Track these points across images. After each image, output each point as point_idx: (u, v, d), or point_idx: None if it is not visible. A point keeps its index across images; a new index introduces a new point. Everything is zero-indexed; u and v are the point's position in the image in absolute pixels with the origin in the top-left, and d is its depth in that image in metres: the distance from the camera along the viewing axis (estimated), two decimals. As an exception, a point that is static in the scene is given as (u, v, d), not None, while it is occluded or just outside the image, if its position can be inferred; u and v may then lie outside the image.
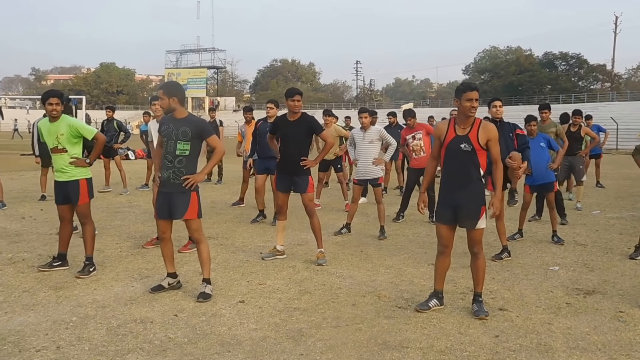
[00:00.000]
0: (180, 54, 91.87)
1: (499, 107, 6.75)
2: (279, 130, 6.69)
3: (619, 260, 6.75)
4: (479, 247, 4.81)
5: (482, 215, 4.73)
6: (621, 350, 4.08)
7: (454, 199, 4.73)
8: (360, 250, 7.23)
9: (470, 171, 4.66)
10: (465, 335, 4.40)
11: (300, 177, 6.50)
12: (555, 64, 73.45)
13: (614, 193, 13.09)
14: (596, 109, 42.22)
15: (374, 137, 8.05)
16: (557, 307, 5.04)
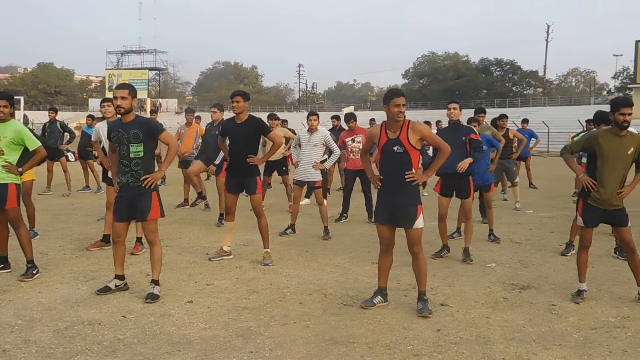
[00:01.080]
0: (121, 55, 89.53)
1: (453, 109, 6.96)
2: (227, 133, 6.73)
3: (551, 257, 7.13)
4: (418, 246, 4.99)
5: (419, 215, 4.92)
6: (554, 341, 4.35)
7: (391, 200, 4.91)
8: (306, 250, 7.34)
9: (404, 172, 4.83)
10: (409, 329, 4.57)
11: (249, 179, 6.56)
12: (491, 70, 76.07)
13: (546, 193, 13.74)
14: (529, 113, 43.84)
15: (319, 142, 8.20)
16: (494, 302, 5.30)
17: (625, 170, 5.17)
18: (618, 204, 5.22)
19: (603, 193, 5.19)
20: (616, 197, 5.17)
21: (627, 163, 5.16)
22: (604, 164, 5.18)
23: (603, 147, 5.17)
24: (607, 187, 5.16)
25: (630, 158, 5.13)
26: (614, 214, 5.26)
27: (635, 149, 5.11)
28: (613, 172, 5.14)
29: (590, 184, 5.24)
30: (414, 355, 4.06)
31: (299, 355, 4.03)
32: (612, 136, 5.17)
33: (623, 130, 5.11)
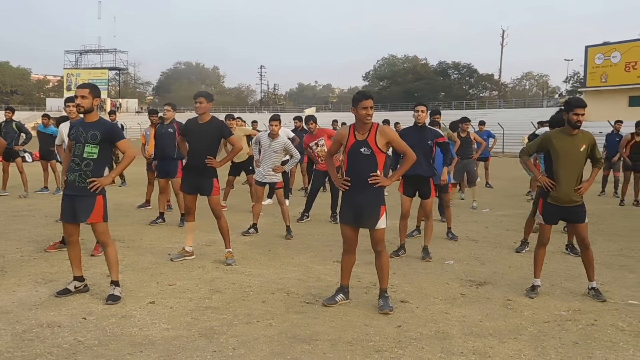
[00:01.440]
0: (80, 54, 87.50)
1: (421, 112, 7.05)
2: (188, 133, 6.70)
3: (506, 254, 7.35)
4: (381, 245, 5.09)
5: (382, 216, 5.01)
6: (510, 334, 4.50)
7: (355, 200, 4.98)
8: (269, 250, 7.36)
9: (369, 173, 4.92)
10: (370, 326, 4.65)
11: (205, 181, 6.54)
12: (449, 73, 77.41)
13: (502, 193, 14.11)
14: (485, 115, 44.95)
15: (279, 148, 8.22)
16: (453, 298, 5.44)
17: (580, 167, 5.38)
18: (577, 200, 5.42)
19: (561, 191, 5.39)
20: (575, 193, 5.37)
21: (581, 160, 5.37)
22: (559, 163, 5.39)
23: (556, 147, 5.38)
24: (563, 185, 5.36)
25: (583, 155, 5.35)
26: (573, 211, 5.45)
27: (587, 146, 5.33)
28: (568, 170, 5.35)
29: (548, 183, 5.44)
30: (375, 352, 4.14)
31: (262, 354, 4.06)
32: (564, 136, 5.38)
33: (576, 129, 5.33)
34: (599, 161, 5.48)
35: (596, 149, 5.44)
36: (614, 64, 42.69)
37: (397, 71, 78.11)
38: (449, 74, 77.60)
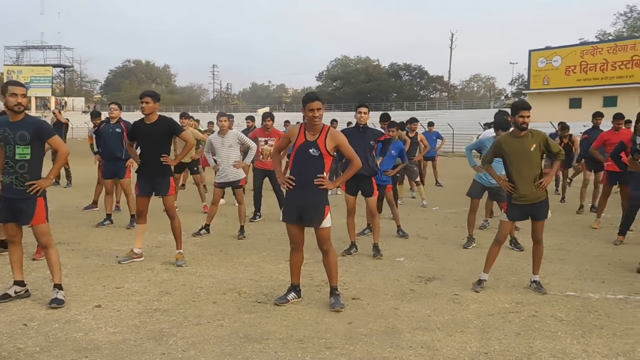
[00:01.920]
0: (21, 50, 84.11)
1: (363, 114, 7.11)
2: (137, 136, 6.58)
3: (454, 250, 7.52)
4: (327, 244, 5.11)
5: (327, 215, 5.04)
6: (456, 328, 4.61)
7: (300, 200, 4.99)
8: (220, 250, 7.31)
9: (316, 174, 4.94)
10: (321, 324, 4.68)
11: (162, 179, 6.45)
12: (400, 74, 78.46)
13: (451, 191, 14.41)
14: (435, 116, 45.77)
15: (233, 142, 8.18)
16: (402, 294, 5.53)
17: (535, 166, 5.53)
18: (541, 196, 5.58)
19: (521, 191, 5.53)
20: (537, 189, 5.52)
21: (535, 160, 5.52)
22: (513, 166, 5.55)
23: (507, 151, 5.55)
24: (522, 185, 5.51)
25: (536, 154, 5.51)
26: (537, 207, 5.59)
27: (538, 145, 5.48)
28: (523, 171, 5.50)
29: (509, 187, 5.60)
30: (326, 348, 4.17)
31: (213, 355, 4.03)
32: (513, 139, 5.55)
33: (523, 131, 5.49)
34: (557, 155, 5.60)
35: (550, 144, 5.55)
36: (555, 68, 44.16)
37: (350, 72, 78.66)
38: (400, 76, 78.65)
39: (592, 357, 4.05)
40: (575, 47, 44.63)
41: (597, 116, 10.77)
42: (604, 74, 41.04)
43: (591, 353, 4.12)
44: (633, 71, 39.22)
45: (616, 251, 7.52)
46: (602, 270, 6.51)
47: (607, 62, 40.84)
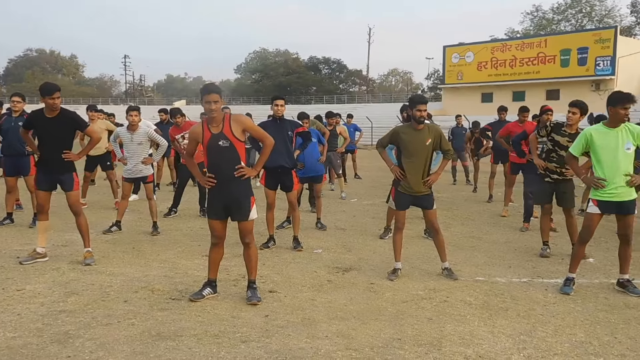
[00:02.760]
0: None
1: (280, 106, 7.06)
2: (35, 127, 6.21)
3: (371, 241, 7.65)
4: (250, 237, 5.06)
5: (253, 207, 5.00)
6: (371, 316, 4.69)
7: (223, 194, 4.91)
8: (133, 247, 7.06)
9: (233, 165, 4.85)
10: (238, 318, 4.62)
11: (64, 175, 6.14)
12: (320, 68, 79.01)
13: (369, 183, 14.68)
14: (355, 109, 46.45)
15: (143, 139, 7.90)
16: (320, 285, 5.56)
17: (426, 159, 5.71)
18: (425, 191, 5.76)
19: (410, 182, 5.70)
20: (423, 184, 5.70)
21: (427, 153, 5.70)
22: (407, 156, 5.72)
23: (404, 141, 5.70)
24: (412, 176, 5.69)
25: (430, 148, 5.69)
26: (421, 199, 5.80)
27: (433, 140, 5.67)
28: (415, 162, 5.68)
29: (399, 174, 5.75)
30: (242, 342, 4.12)
31: (123, 355, 3.88)
32: (411, 130, 5.71)
33: (420, 124, 5.65)
34: (448, 152, 5.84)
35: (443, 141, 5.77)
36: (468, 64, 45.91)
37: (269, 65, 78.35)
38: (320, 69, 79.22)
39: (498, 338, 4.23)
40: (486, 43, 46.58)
41: (501, 110, 11.29)
42: (513, 70, 43.09)
43: (497, 334, 4.30)
44: (539, 67, 41.44)
45: (522, 237, 7.90)
46: (509, 256, 6.82)
47: (515, 59, 42.92)
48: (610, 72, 37.67)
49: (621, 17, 59.59)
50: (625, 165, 5.17)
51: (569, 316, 4.70)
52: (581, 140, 5.31)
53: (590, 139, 5.23)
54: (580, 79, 38.81)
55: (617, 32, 38.69)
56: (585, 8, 60.81)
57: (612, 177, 5.17)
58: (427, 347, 4.05)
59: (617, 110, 5.11)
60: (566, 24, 61.41)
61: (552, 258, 6.61)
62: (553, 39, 42.26)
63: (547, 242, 6.87)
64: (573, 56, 39.46)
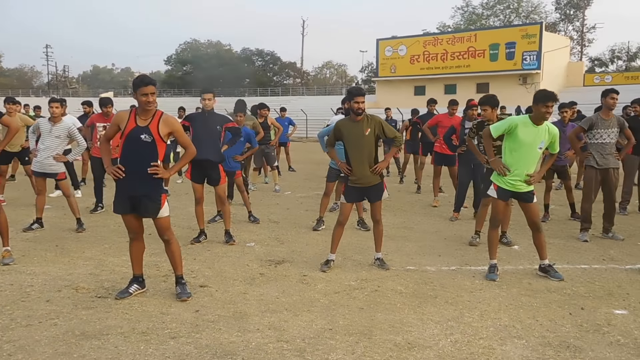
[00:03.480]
0: None
1: (208, 100, 6.88)
2: None
3: (305, 233, 7.66)
4: (168, 233, 4.91)
5: (164, 204, 4.83)
6: (304, 307, 4.69)
7: (133, 188, 4.72)
8: (56, 245, 6.76)
9: (149, 161, 4.69)
10: (167, 314, 4.52)
11: None
12: (253, 60, 78.33)
13: (304, 176, 14.70)
14: (289, 102, 46.47)
15: (62, 133, 7.54)
16: (252, 278, 5.51)
17: (370, 150, 5.74)
18: (375, 180, 5.80)
19: (357, 174, 5.73)
20: (371, 173, 5.73)
21: (370, 143, 5.73)
22: (350, 149, 5.75)
23: (345, 134, 5.73)
24: (357, 168, 5.72)
25: (371, 138, 5.72)
26: (371, 190, 5.82)
27: (373, 129, 5.72)
28: (359, 154, 5.70)
29: (346, 169, 5.76)
30: (171, 338, 4.03)
31: (44, 356, 3.72)
32: (350, 123, 5.74)
33: (359, 116, 5.69)
34: (395, 139, 5.85)
35: (386, 128, 5.78)
36: (401, 57, 46.69)
37: (201, 56, 76.83)
38: (253, 61, 78.55)
39: (426, 324, 4.33)
40: (418, 37, 47.46)
41: (430, 103, 11.57)
42: (444, 64, 44.16)
43: (425, 321, 4.40)
44: (469, 61, 42.68)
45: (452, 227, 8.13)
46: (439, 245, 7.00)
47: (446, 53, 44.00)
48: (537, 66, 39.27)
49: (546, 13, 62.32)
50: (532, 162, 5.46)
51: (494, 301, 4.86)
52: (505, 124, 5.48)
53: (514, 128, 5.42)
54: (508, 73, 40.26)
55: (542, 28, 40.28)
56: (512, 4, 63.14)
57: (518, 169, 5.43)
58: (357, 336, 4.09)
59: (539, 108, 5.34)
60: (495, 19, 63.55)
61: (481, 246, 6.81)
62: (482, 34, 43.62)
63: (479, 231, 7.09)
64: (501, 51, 40.87)
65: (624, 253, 6.58)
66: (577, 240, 7.20)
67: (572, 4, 60.11)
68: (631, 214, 9.01)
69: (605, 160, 7.18)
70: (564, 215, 8.80)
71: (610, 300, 4.91)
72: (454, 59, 43.50)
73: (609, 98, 7.14)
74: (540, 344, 3.99)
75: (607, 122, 7.16)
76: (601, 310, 4.65)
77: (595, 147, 7.21)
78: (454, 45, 43.70)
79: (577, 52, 58.66)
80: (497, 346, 3.94)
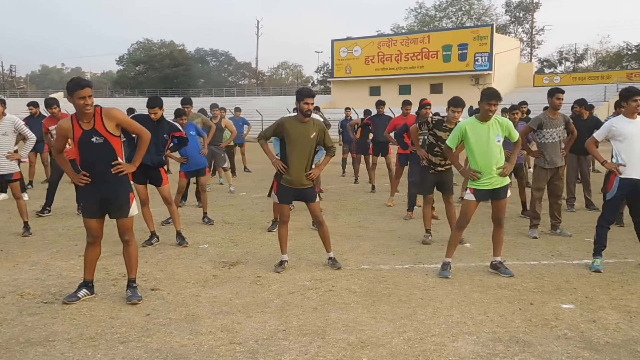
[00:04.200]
0: None
1: (154, 115, 6.73)
2: None
3: (259, 234, 7.60)
4: (130, 234, 4.85)
5: (133, 203, 4.78)
6: (257, 308, 4.65)
7: (99, 191, 4.65)
8: (0, 250, 6.51)
9: (109, 162, 4.62)
10: (116, 319, 4.41)
11: None
12: (207, 60, 77.49)
13: (259, 176, 14.59)
14: (244, 102, 46.20)
15: (9, 129, 7.27)
16: (205, 280, 5.43)
17: (310, 153, 5.74)
18: (307, 184, 5.79)
19: (292, 174, 5.71)
20: (305, 177, 5.73)
21: (311, 147, 5.73)
22: (291, 148, 5.71)
23: (290, 133, 5.69)
24: (295, 168, 5.69)
25: (314, 142, 5.73)
26: (304, 192, 5.82)
27: (317, 133, 5.72)
28: (299, 155, 5.69)
29: (281, 167, 5.74)
30: (120, 343, 3.93)
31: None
32: (297, 123, 5.72)
33: (306, 117, 5.68)
34: (331, 149, 5.89)
35: (327, 137, 5.83)
36: (356, 57, 46.99)
37: (154, 56, 75.40)
38: (207, 61, 77.70)
39: (380, 323, 4.35)
40: (373, 38, 47.89)
41: (379, 105, 11.68)
42: (398, 64, 44.66)
43: (379, 319, 4.43)
44: (423, 62, 43.28)
45: (406, 225, 8.21)
46: (393, 243, 7.05)
47: (401, 54, 44.51)
48: (488, 67, 40.15)
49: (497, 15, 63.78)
50: (496, 156, 5.52)
51: (446, 298, 4.93)
52: (456, 133, 5.61)
53: (464, 132, 5.53)
54: (461, 74, 41.00)
55: (493, 29, 41.22)
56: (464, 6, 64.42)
57: (486, 167, 5.51)
58: (311, 336, 4.08)
59: (484, 105, 5.45)
60: (447, 21, 64.67)
61: (433, 244, 6.91)
62: (435, 35, 44.32)
63: (429, 229, 7.18)
64: (454, 52, 41.61)
65: (572, 249, 6.78)
66: (527, 237, 7.37)
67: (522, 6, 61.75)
68: (578, 210, 9.30)
69: (555, 159, 7.38)
70: (515, 213, 9.01)
71: (558, 295, 5.04)
72: (408, 59, 44.04)
73: (554, 98, 7.34)
74: (491, 339, 4.06)
75: (555, 121, 7.36)
76: (549, 305, 4.78)
77: (544, 147, 7.39)
78: (407, 46, 44.25)
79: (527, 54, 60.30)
80: (448, 343, 3.99)
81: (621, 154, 5.85)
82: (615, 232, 6.78)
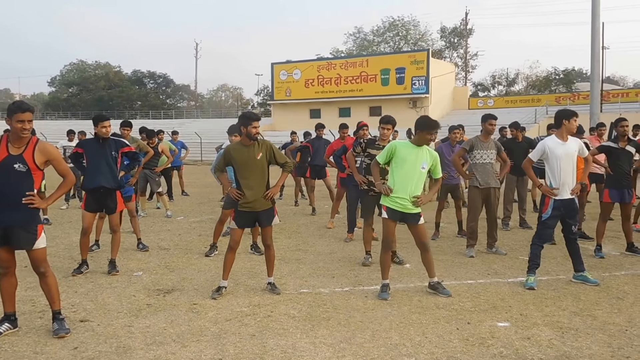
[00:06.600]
0: None
1: (106, 128, 6.58)
2: None
3: (196, 259, 7.40)
4: (44, 265, 4.59)
5: (41, 234, 4.52)
6: (192, 337, 4.49)
7: (6, 219, 4.38)
8: None
9: (24, 191, 4.40)
10: (41, 353, 4.16)
11: None
12: (144, 82, 75.99)
13: (197, 200, 14.34)
14: (183, 124, 45.54)
15: None
16: (138, 310, 5.22)
17: (262, 174, 5.64)
18: (267, 205, 5.69)
19: (248, 198, 5.59)
20: (264, 198, 5.63)
21: (262, 167, 5.64)
22: (240, 174, 5.63)
23: (236, 159, 5.61)
24: (248, 192, 5.58)
25: (263, 162, 5.64)
26: (262, 214, 5.69)
27: (265, 153, 5.65)
28: (250, 179, 5.59)
29: (236, 194, 5.62)
30: (44, 381, 3.69)
31: None
32: (242, 147, 5.64)
33: (252, 140, 5.61)
34: (285, 165, 5.79)
35: (276, 154, 5.73)
36: (296, 80, 47.31)
37: (88, 77, 73.24)
38: (144, 83, 76.15)
39: (319, 348, 4.28)
40: (312, 61, 48.36)
41: (318, 128, 11.80)
42: (338, 87, 45.23)
43: (318, 344, 4.36)
44: (362, 85, 44.01)
45: (346, 248, 8.20)
46: (333, 266, 7.02)
47: (340, 77, 45.12)
48: (425, 90, 41.23)
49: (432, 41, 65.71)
50: (416, 182, 5.65)
51: (385, 320, 4.92)
52: (388, 151, 5.71)
53: (394, 151, 5.63)
54: (399, 97, 41.92)
55: (429, 54, 42.46)
56: (401, 32, 66.04)
57: (402, 188, 5.62)
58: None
59: (424, 135, 5.57)
60: (385, 45, 66.08)
61: (373, 266, 6.91)
62: (374, 59, 45.24)
63: (369, 251, 7.20)
64: (392, 75, 42.54)
65: (506, 267, 6.94)
66: (464, 256, 7.51)
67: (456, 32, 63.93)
68: (513, 229, 9.57)
69: (487, 179, 7.61)
70: (452, 233, 9.18)
71: (494, 313, 5.13)
72: (348, 83, 44.70)
73: (487, 124, 7.64)
74: (429, 360, 4.07)
75: (486, 144, 7.64)
76: (486, 324, 4.84)
77: (477, 167, 7.63)
78: (347, 70, 44.94)
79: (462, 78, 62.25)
80: (388, 365, 3.96)
81: (554, 174, 6.09)
82: (547, 249, 7.01)
